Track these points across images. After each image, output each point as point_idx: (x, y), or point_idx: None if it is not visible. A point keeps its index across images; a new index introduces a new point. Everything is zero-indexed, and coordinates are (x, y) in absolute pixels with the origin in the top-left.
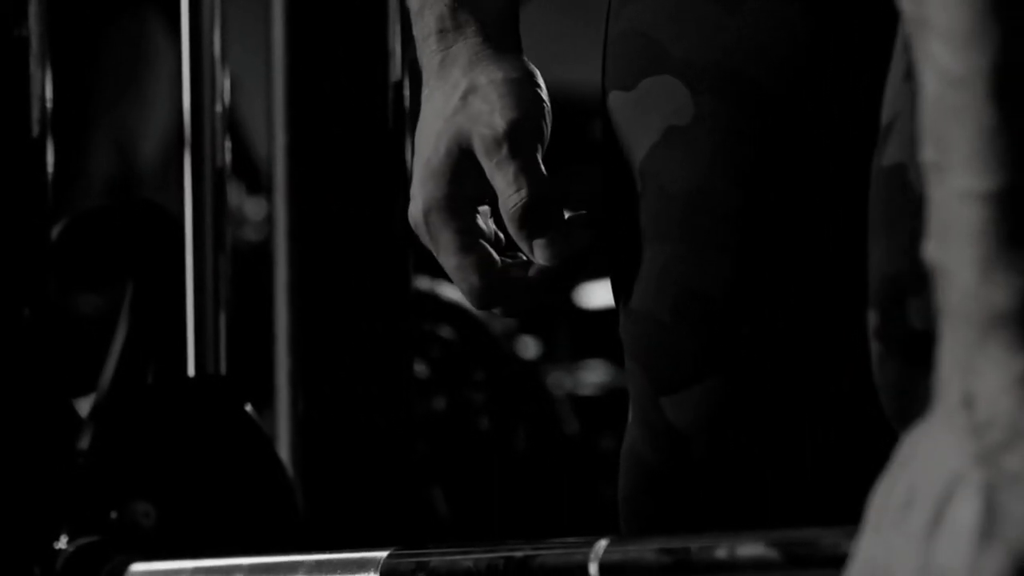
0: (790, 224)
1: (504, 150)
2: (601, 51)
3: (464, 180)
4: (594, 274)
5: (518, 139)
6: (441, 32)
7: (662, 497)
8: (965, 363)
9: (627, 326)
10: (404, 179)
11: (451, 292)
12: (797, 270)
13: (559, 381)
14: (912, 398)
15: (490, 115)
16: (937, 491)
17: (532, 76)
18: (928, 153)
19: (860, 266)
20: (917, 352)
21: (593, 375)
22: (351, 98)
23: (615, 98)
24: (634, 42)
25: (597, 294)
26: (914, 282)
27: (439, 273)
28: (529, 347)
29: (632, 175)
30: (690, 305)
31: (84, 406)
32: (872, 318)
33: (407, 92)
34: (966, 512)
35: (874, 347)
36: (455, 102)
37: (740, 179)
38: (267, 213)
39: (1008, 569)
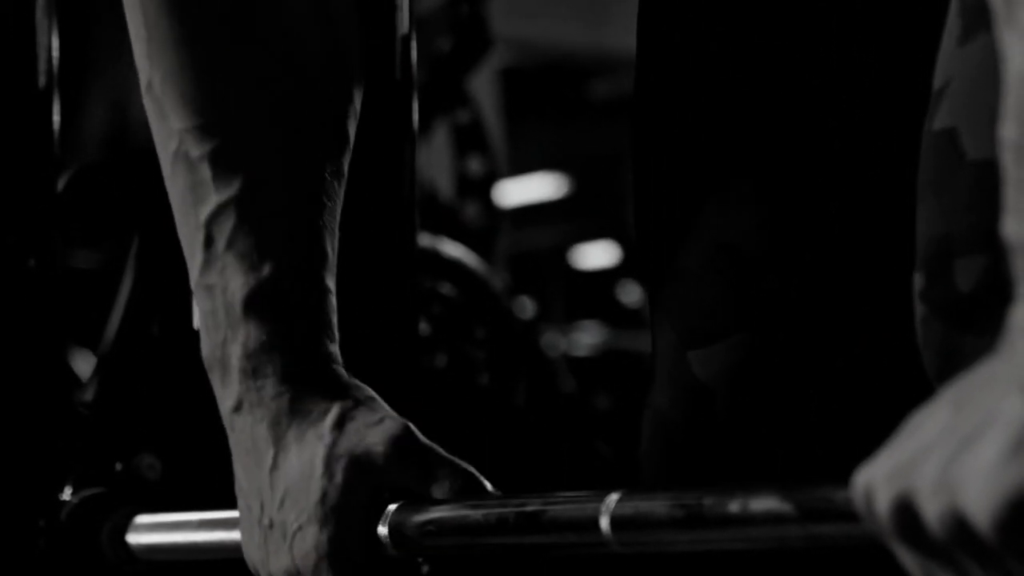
0: (825, 180)
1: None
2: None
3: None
4: (588, 237)
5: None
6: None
7: (683, 454)
8: None
9: (657, 282)
10: (411, 134)
11: (452, 249)
12: (830, 227)
13: (553, 341)
14: (957, 360)
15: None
16: (985, 408)
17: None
18: (1010, 131)
19: (893, 226)
20: (962, 314)
21: (586, 336)
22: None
23: (654, 61)
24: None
25: (592, 256)
26: (961, 245)
27: (439, 230)
28: (527, 307)
29: (665, 137)
30: (721, 259)
31: (89, 358)
32: (918, 280)
33: (414, 46)
34: (1006, 429)
35: (919, 309)
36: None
37: (776, 135)
38: None
39: (1022, 483)
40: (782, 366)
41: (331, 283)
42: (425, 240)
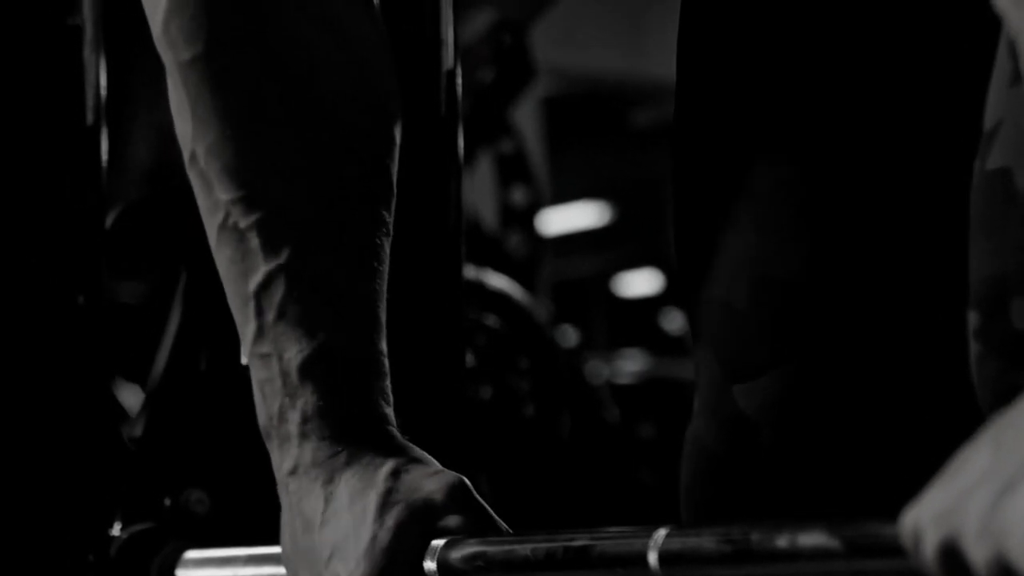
0: (870, 215)
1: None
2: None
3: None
4: (631, 265)
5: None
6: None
7: (725, 487)
8: None
9: (700, 314)
10: (457, 167)
11: (496, 280)
12: (875, 261)
13: (597, 369)
14: (1013, 397)
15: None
16: (1022, 445)
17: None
18: None
19: (938, 260)
20: (1019, 352)
21: (629, 363)
22: (406, 88)
23: (695, 89)
24: (715, 26)
25: (635, 284)
26: (1017, 284)
27: (479, 262)
28: (570, 336)
29: (706, 166)
30: (766, 292)
31: (138, 394)
32: (973, 318)
33: (459, 81)
34: None
35: (974, 347)
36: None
37: (820, 172)
38: None
39: None
40: (827, 400)
41: (383, 345)
42: (469, 272)
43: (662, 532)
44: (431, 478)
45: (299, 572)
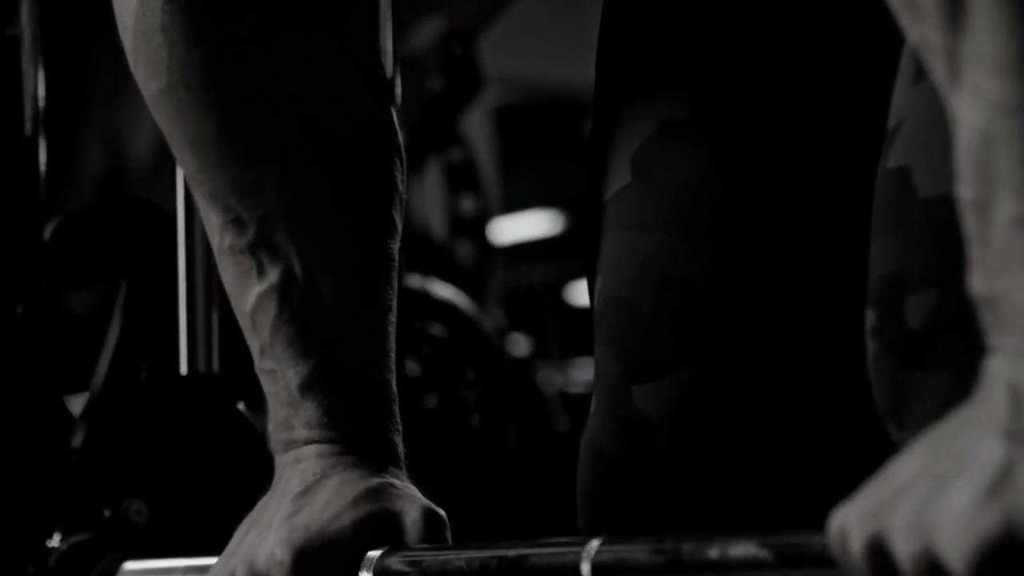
0: (778, 220)
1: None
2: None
3: None
4: (583, 274)
5: None
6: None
7: (622, 493)
8: (1015, 363)
9: (603, 313)
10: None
11: (442, 290)
12: (781, 266)
13: (549, 378)
14: (907, 396)
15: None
16: (960, 451)
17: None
18: (967, 189)
19: (845, 266)
20: (913, 351)
21: (582, 372)
22: None
23: (610, 91)
24: (633, 37)
25: (586, 292)
26: (912, 281)
27: (428, 271)
28: (522, 345)
29: (621, 166)
30: (671, 293)
31: (77, 404)
32: (869, 316)
33: (398, 91)
34: (982, 473)
35: (870, 345)
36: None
37: (731, 174)
38: None
39: (997, 530)
40: (725, 404)
41: (388, 371)
42: (415, 281)
43: (595, 543)
44: (411, 499)
45: (253, 525)
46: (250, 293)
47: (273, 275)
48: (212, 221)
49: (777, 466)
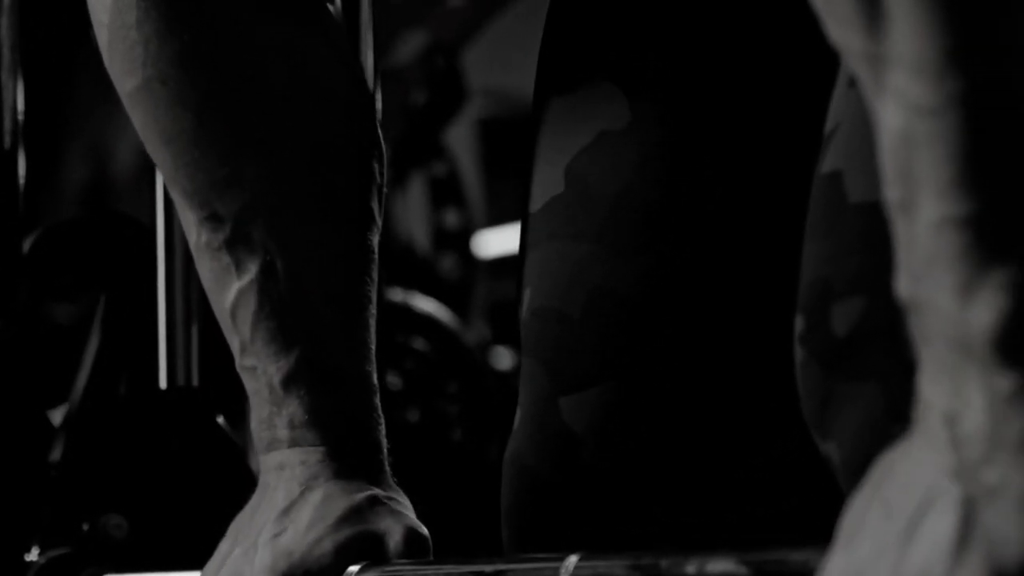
0: (714, 229)
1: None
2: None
3: None
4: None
5: None
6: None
7: (546, 508)
8: (948, 385)
9: (531, 323)
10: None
11: (424, 304)
12: (715, 275)
13: None
14: (831, 405)
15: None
16: (915, 502)
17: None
18: (893, 191)
19: (782, 273)
20: (837, 359)
21: None
22: None
23: (549, 100)
24: (574, 47)
25: None
26: (840, 287)
27: (411, 284)
28: (505, 358)
29: (555, 176)
30: (603, 303)
31: (56, 417)
32: (798, 323)
33: (379, 105)
34: (943, 522)
35: (798, 352)
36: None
37: (666, 185)
38: None
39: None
40: (652, 415)
41: (369, 365)
42: (398, 295)
43: (573, 559)
44: (396, 517)
45: (239, 537)
46: (229, 290)
47: (252, 270)
48: (189, 218)
49: (703, 477)
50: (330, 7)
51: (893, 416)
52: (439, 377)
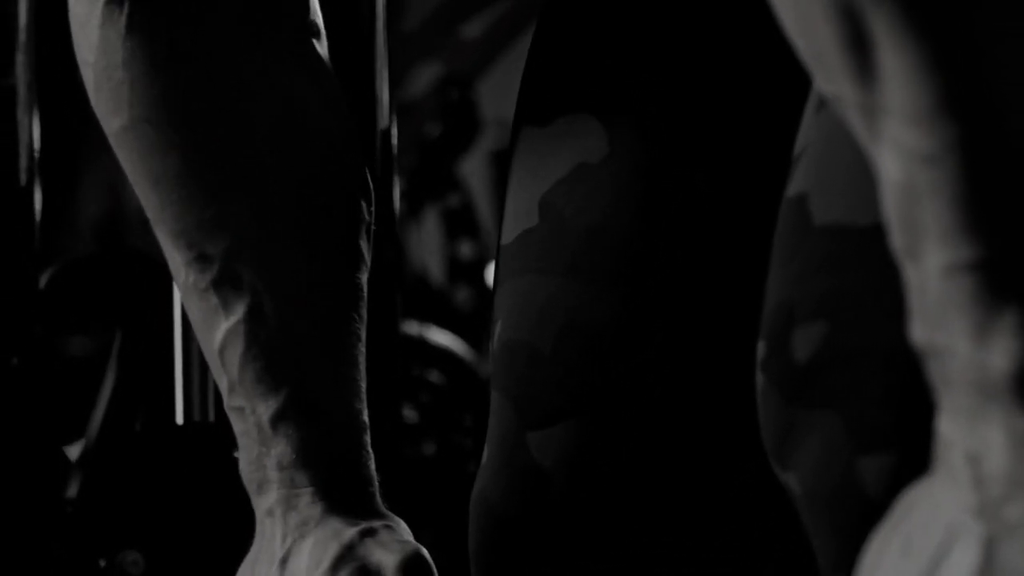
0: (685, 266)
1: None
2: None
3: None
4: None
5: None
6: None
7: (513, 547)
8: (968, 426)
9: (501, 356)
10: (393, 221)
11: (440, 337)
12: (688, 309)
13: None
14: (790, 434)
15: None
16: (936, 540)
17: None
18: (898, 239)
19: (754, 311)
20: (797, 386)
21: None
22: None
23: (528, 132)
24: (555, 79)
25: None
26: (802, 312)
27: (427, 316)
28: None
29: (529, 208)
30: (574, 337)
31: (73, 453)
32: (760, 349)
33: (394, 138)
34: (966, 560)
35: (759, 379)
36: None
37: (642, 219)
38: None
39: None
40: (621, 449)
41: (360, 403)
42: (412, 328)
43: None
44: (390, 547)
45: None
46: (217, 330)
47: (239, 311)
48: (176, 259)
49: (672, 512)
50: (317, 46)
51: (853, 444)
52: (455, 410)
